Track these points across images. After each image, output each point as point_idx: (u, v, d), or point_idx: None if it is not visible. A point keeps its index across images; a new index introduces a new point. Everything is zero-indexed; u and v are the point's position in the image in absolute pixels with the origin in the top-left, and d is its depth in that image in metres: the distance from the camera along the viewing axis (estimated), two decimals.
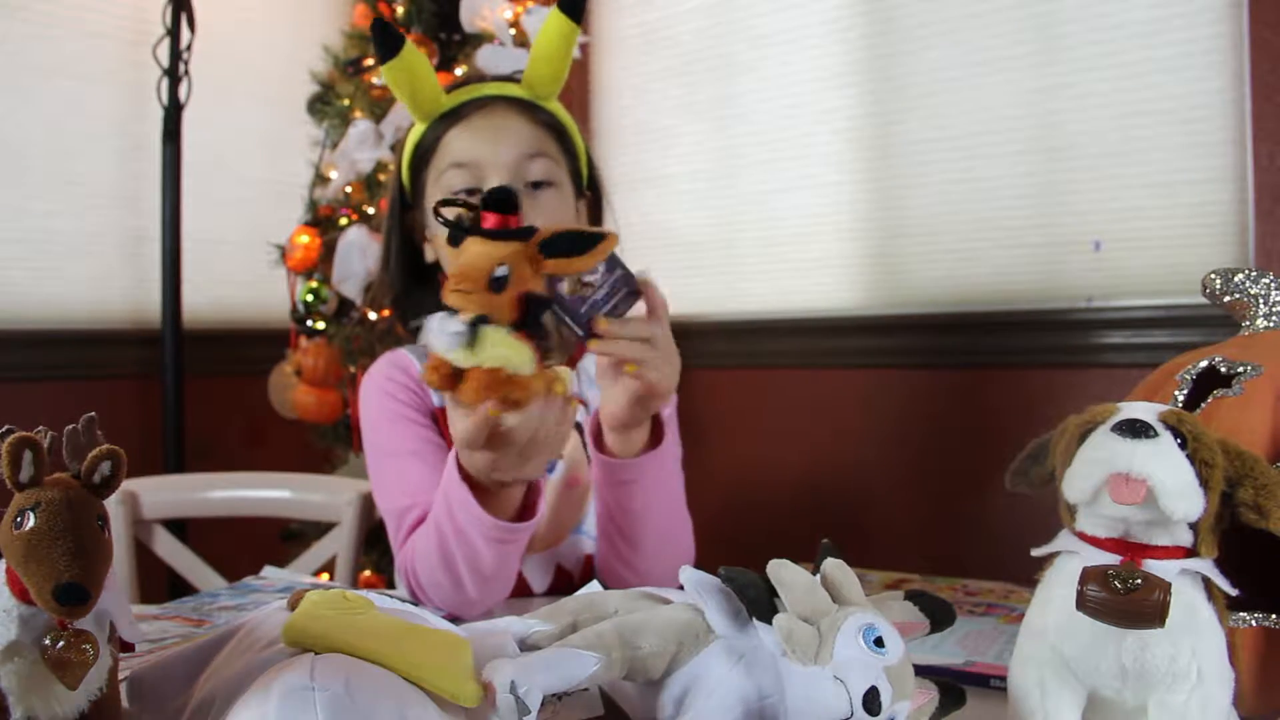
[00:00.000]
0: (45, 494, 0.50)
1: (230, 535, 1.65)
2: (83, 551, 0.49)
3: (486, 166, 1.07)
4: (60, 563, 0.48)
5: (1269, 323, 0.73)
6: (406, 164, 1.14)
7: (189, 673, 0.57)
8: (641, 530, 1.02)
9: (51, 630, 0.51)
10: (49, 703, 0.51)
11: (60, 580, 0.48)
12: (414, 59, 1.00)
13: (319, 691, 0.45)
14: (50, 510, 0.49)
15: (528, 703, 0.49)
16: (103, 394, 2.32)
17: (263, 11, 2.66)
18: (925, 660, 0.76)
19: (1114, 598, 0.52)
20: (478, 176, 1.07)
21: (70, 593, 0.48)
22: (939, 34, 2.15)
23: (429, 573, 0.98)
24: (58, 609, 0.49)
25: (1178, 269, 1.88)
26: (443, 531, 0.95)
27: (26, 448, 0.50)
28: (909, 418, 2.17)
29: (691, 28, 2.54)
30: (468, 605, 0.98)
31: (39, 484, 0.51)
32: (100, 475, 0.52)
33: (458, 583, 0.96)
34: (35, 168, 2.27)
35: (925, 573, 1.10)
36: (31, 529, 0.49)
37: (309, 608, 0.53)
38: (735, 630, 0.56)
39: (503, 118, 1.09)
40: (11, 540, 0.49)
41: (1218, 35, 1.84)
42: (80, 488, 0.51)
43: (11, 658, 0.50)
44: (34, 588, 0.49)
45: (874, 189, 2.25)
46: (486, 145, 1.07)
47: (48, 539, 0.49)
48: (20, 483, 0.50)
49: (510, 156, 1.07)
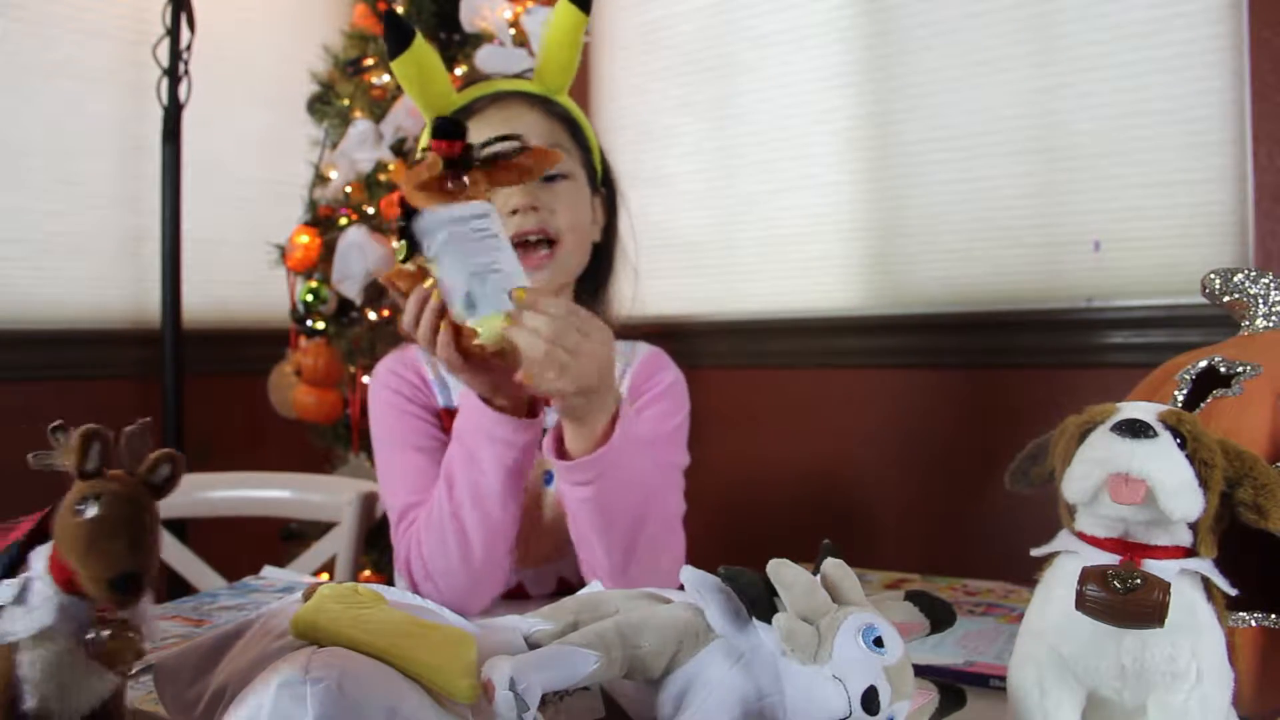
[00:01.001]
0: (108, 485, 0.51)
1: (230, 535, 1.65)
2: (141, 544, 0.51)
3: None
4: (121, 552, 0.50)
5: (1268, 323, 0.73)
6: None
7: (206, 662, 0.58)
8: (612, 538, 0.98)
9: (94, 621, 0.51)
10: (68, 693, 0.52)
11: (121, 570, 0.49)
12: (425, 54, 0.99)
13: (312, 685, 0.46)
14: (113, 501, 0.51)
15: (527, 700, 0.49)
16: (103, 394, 2.32)
17: (263, 11, 2.66)
18: (925, 660, 0.76)
19: (1113, 598, 0.52)
20: None
21: (129, 582, 0.50)
22: (939, 34, 2.15)
23: (433, 541, 0.99)
24: (114, 597, 0.50)
25: (1178, 269, 1.88)
26: (450, 475, 0.98)
27: (96, 439, 0.52)
28: (909, 418, 2.17)
29: (691, 28, 2.54)
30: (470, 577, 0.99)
31: (102, 476, 0.52)
32: (161, 476, 0.54)
33: (462, 537, 0.97)
34: (35, 168, 2.27)
35: (925, 573, 1.10)
36: (95, 517, 0.50)
37: (318, 601, 0.54)
38: (735, 630, 0.56)
39: (516, 111, 1.08)
40: (71, 526, 0.50)
41: (1218, 35, 1.84)
42: (139, 484, 0.53)
43: (41, 644, 0.51)
44: (90, 575, 0.50)
45: (874, 189, 2.25)
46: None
47: (109, 528, 0.50)
48: (85, 472, 0.52)
49: None
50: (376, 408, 1.14)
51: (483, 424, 0.96)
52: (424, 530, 1.01)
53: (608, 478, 0.95)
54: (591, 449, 0.94)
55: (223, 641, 0.59)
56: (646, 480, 1.00)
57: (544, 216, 1.06)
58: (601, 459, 0.94)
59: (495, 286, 0.88)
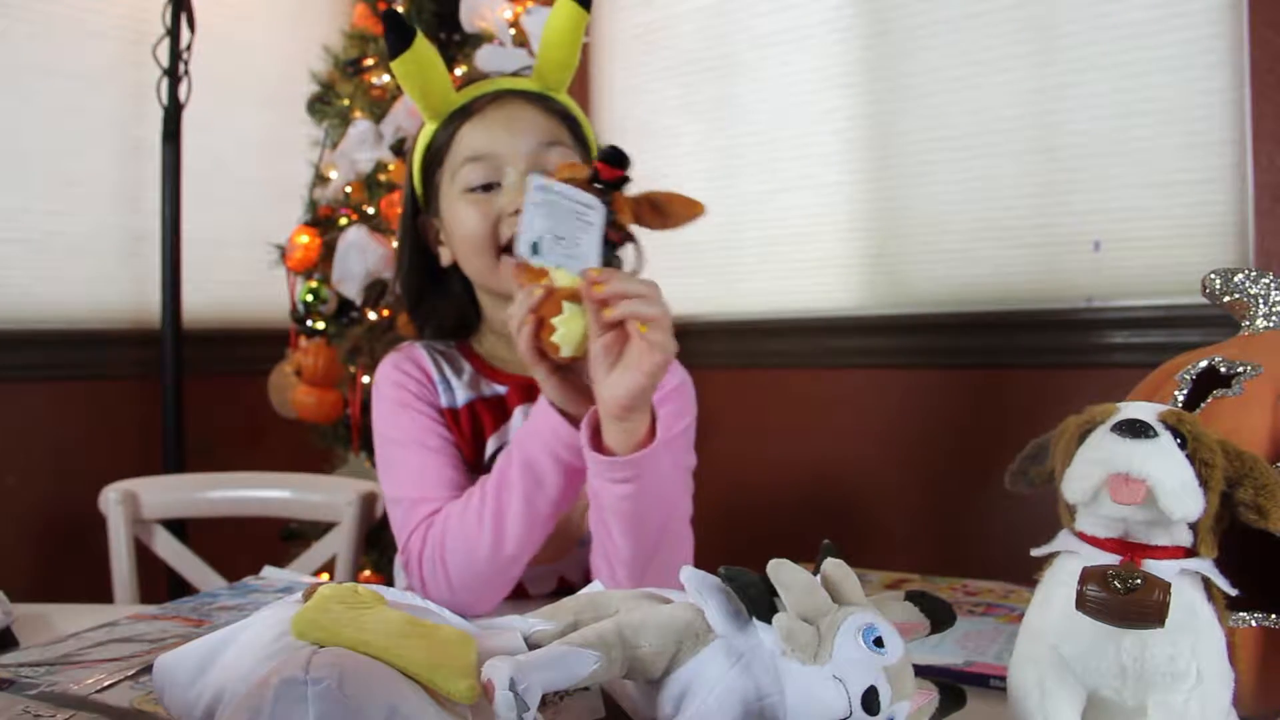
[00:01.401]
0: None
1: (230, 535, 1.65)
2: None
3: (504, 158, 1.05)
4: None
5: (1269, 323, 0.73)
6: (418, 167, 1.13)
7: (206, 662, 0.58)
8: (640, 536, 0.96)
9: None
10: None
11: None
12: (426, 53, 0.99)
13: (312, 685, 0.46)
14: None
15: (527, 700, 0.49)
16: (103, 394, 2.33)
17: (263, 11, 2.66)
18: (925, 660, 0.76)
19: (1114, 598, 0.52)
20: (495, 169, 1.05)
21: None
22: (939, 34, 2.15)
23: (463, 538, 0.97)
24: None
25: (1178, 269, 1.88)
26: (506, 479, 0.96)
27: None
28: (909, 418, 2.17)
29: (691, 28, 2.54)
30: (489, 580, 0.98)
31: None
32: None
33: (498, 539, 0.96)
34: (35, 168, 2.28)
35: (925, 573, 1.10)
36: None
37: (318, 601, 0.54)
38: (735, 630, 0.56)
39: (517, 109, 1.08)
40: None
41: (1218, 35, 1.84)
42: None
43: None
44: None
45: (874, 189, 2.25)
46: (503, 137, 1.06)
47: None
48: None
49: (528, 146, 1.06)
50: (382, 404, 1.13)
51: (559, 435, 0.94)
52: (454, 526, 0.99)
53: (646, 477, 0.93)
54: (633, 447, 0.92)
55: (220, 642, 0.59)
56: (674, 481, 1.00)
57: None
58: (645, 458, 0.92)
59: (565, 250, 0.91)
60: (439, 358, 1.13)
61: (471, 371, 1.13)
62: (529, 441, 0.97)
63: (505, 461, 0.98)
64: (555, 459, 0.95)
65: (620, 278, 0.88)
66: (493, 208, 1.05)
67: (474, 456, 1.09)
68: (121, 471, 1.53)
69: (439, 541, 1.00)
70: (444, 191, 1.10)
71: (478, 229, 1.05)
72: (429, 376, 1.12)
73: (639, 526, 0.96)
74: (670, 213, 0.96)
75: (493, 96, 1.08)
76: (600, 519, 0.97)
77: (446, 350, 1.15)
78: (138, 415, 2.32)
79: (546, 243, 0.90)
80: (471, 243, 1.07)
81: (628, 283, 0.87)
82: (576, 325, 0.89)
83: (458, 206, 1.07)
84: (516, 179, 1.04)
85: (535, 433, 0.96)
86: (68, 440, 2.24)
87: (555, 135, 1.08)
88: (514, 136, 1.06)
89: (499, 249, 1.05)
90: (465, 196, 1.07)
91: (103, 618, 0.89)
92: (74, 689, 0.70)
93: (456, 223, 1.08)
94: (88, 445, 2.24)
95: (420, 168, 1.12)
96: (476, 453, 1.10)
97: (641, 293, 0.87)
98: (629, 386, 0.88)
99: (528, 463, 0.96)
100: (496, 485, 0.98)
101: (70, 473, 1.99)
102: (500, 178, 1.06)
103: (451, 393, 1.11)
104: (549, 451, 0.95)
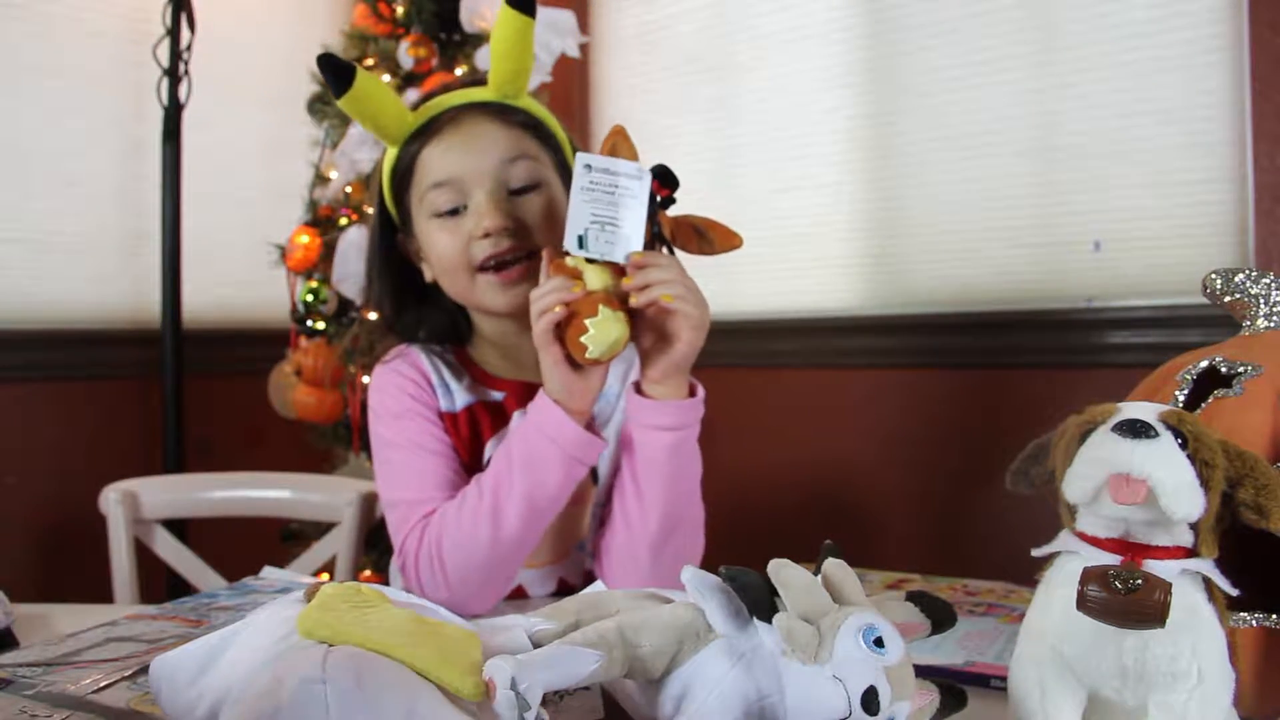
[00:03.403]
0: None
1: (230, 535, 1.65)
2: None
3: (468, 181, 1.04)
4: None
5: (1269, 323, 0.73)
6: (388, 189, 1.11)
7: (205, 662, 0.58)
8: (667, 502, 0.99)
9: None
10: None
11: None
12: (369, 86, 0.98)
13: (330, 684, 0.46)
14: None
15: (528, 699, 0.49)
16: (103, 394, 2.33)
17: (263, 11, 2.66)
18: (925, 660, 0.76)
19: (1114, 598, 0.52)
20: (461, 193, 1.04)
21: None
22: (939, 34, 2.15)
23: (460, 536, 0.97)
24: None
25: (1178, 269, 1.88)
26: (504, 475, 0.97)
27: None
28: (909, 418, 2.17)
29: (691, 28, 2.54)
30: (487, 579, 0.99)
31: None
32: None
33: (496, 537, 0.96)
34: (35, 168, 2.27)
35: (925, 573, 1.10)
36: None
37: (323, 600, 0.54)
38: (736, 629, 0.56)
39: (475, 126, 1.06)
40: None
41: (1218, 35, 1.84)
42: None
43: None
44: None
45: (874, 189, 2.25)
46: (463, 159, 1.04)
47: None
48: None
49: (490, 164, 1.04)
50: (379, 405, 1.13)
51: (560, 427, 0.96)
52: (451, 524, 0.99)
53: (688, 430, 0.99)
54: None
55: (220, 641, 0.59)
56: (698, 463, 1.03)
57: (518, 234, 1.05)
58: (692, 406, 0.99)
59: (609, 238, 0.94)
60: (437, 361, 1.13)
61: (470, 376, 1.13)
62: (529, 434, 0.98)
63: (503, 456, 0.99)
64: (556, 451, 0.96)
65: (652, 266, 0.94)
66: (462, 230, 1.04)
67: (472, 460, 1.09)
68: (122, 471, 1.53)
69: (436, 540, 1.00)
70: (415, 214, 1.09)
71: (448, 252, 1.05)
72: (427, 380, 1.11)
73: (673, 486, 0.99)
74: (710, 239, 1.02)
75: (451, 115, 1.06)
76: (632, 479, 1.00)
77: (444, 354, 1.15)
78: (138, 415, 2.32)
79: (592, 234, 0.93)
80: (444, 266, 1.07)
81: (652, 273, 0.94)
82: (608, 331, 0.91)
83: (428, 230, 1.07)
84: (483, 199, 1.03)
85: (536, 425, 0.97)
86: (68, 440, 2.24)
87: (519, 148, 1.06)
88: (475, 156, 1.04)
89: (474, 269, 1.05)
90: (434, 221, 1.06)
91: (102, 618, 0.89)
92: (71, 689, 0.70)
93: (429, 246, 1.08)
94: (88, 445, 2.25)
95: (390, 191, 1.11)
96: (474, 457, 1.09)
97: (665, 279, 0.95)
98: (670, 354, 0.96)
99: (527, 455, 0.97)
100: (494, 480, 0.98)
101: (70, 473, 1.99)
102: (467, 201, 1.04)
103: (450, 396, 1.11)
104: (550, 442, 0.96)
